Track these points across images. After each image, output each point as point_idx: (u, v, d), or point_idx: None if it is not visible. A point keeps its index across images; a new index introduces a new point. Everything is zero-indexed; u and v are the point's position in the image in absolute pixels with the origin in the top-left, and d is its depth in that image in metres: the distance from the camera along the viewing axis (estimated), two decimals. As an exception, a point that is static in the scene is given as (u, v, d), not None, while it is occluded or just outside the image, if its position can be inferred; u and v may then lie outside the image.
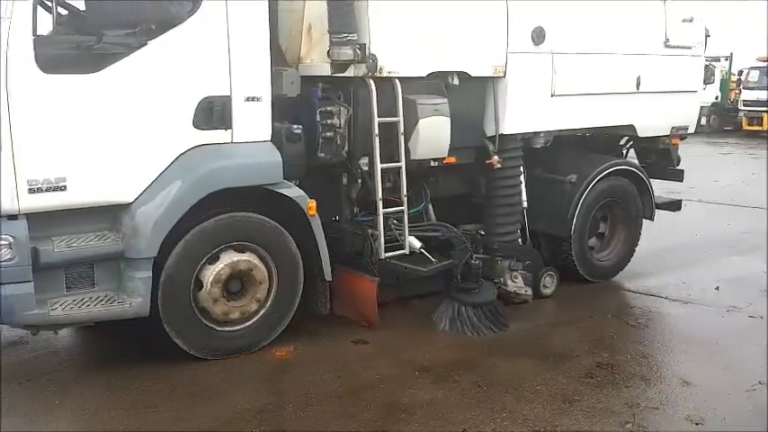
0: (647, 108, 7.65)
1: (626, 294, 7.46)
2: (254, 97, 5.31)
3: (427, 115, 5.94)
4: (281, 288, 5.62)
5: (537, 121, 6.88)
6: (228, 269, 5.30)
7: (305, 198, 5.51)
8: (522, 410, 4.74)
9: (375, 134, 5.78)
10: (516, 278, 6.88)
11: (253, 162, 5.32)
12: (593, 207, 7.40)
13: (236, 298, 5.46)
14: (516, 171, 6.89)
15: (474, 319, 6.15)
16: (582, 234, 7.35)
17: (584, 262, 7.45)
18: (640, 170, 7.80)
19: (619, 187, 7.61)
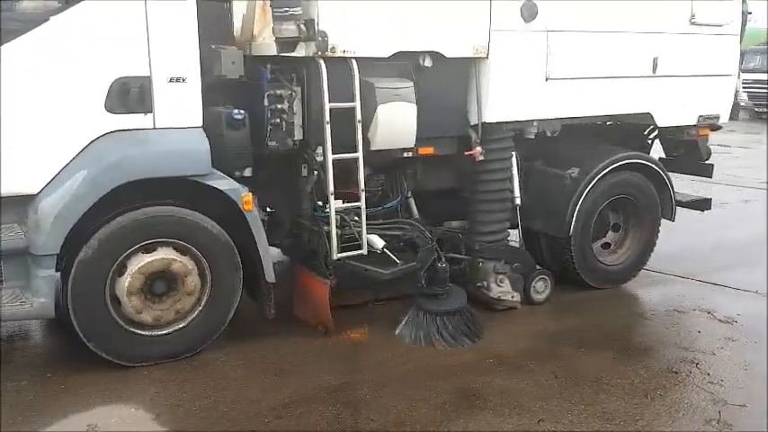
0: (666, 94, 6.75)
1: (707, 287, 6.95)
2: (179, 78, 4.80)
3: (387, 101, 5.29)
4: (217, 289, 5.13)
5: (528, 109, 6.11)
6: (148, 269, 4.85)
7: (238, 191, 4.98)
8: (600, 403, 4.62)
9: (326, 121, 5.18)
10: (502, 282, 6.18)
11: (173, 150, 4.82)
12: (598, 205, 6.59)
13: (161, 300, 5.00)
14: (504, 164, 6.16)
15: (441, 329, 5.50)
16: (584, 235, 6.55)
17: (587, 266, 6.65)
18: (657, 164, 6.91)
19: (631, 183, 6.76)
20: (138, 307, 4.88)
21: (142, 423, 4.27)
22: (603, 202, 6.64)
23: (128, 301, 4.82)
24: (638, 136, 7.43)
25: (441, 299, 5.60)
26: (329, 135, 5.20)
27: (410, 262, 5.62)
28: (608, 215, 6.94)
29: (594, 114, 6.55)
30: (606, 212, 6.88)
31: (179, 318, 5.06)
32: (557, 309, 6.34)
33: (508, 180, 6.24)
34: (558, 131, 6.62)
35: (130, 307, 4.85)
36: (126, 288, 4.79)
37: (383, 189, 6.07)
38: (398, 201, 6.09)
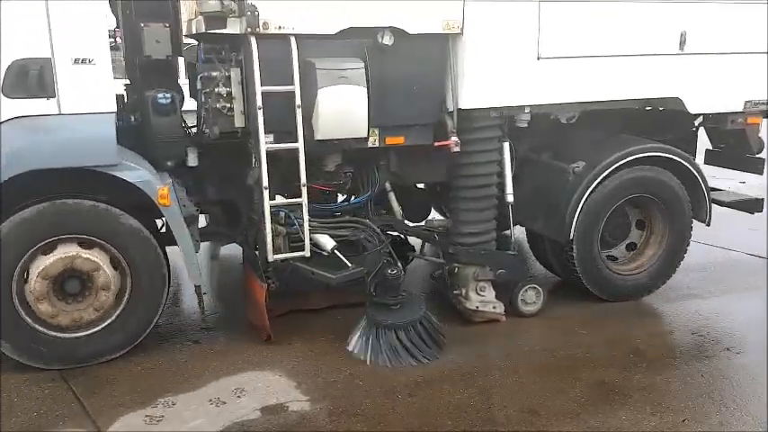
0: (699, 75, 5.71)
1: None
2: (85, 59, 4.36)
3: (330, 84, 4.64)
4: (138, 284, 4.74)
5: (515, 93, 5.27)
6: (49, 271, 4.49)
7: (151, 184, 4.53)
8: (750, 406, 4.33)
9: (258, 107, 4.62)
10: (483, 290, 5.42)
11: (76, 138, 4.38)
12: (608, 205, 5.67)
13: (77, 300, 4.65)
14: (489, 156, 5.36)
15: (394, 344, 4.83)
16: (588, 239, 5.66)
17: (593, 274, 5.76)
18: (685, 158, 5.86)
19: (652, 180, 5.77)
20: (51, 312, 4.56)
21: (286, 390, 4.43)
22: (615, 203, 5.70)
23: (38, 308, 4.52)
24: (678, 125, 6.36)
25: (394, 309, 4.92)
26: (261, 122, 4.64)
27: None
28: (627, 217, 6.00)
29: (604, 99, 5.60)
30: (624, 214, 5.95)
31: (101, 316, 4.70)
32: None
33: (495, 174, 5.45)
34: (574, 119, 5.77)
35: (42, 313, 4.54)
36: (32, 295, 4.48)
37: (352, 183, 5.44)
38: (367, 196, 5.44)
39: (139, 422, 4.04)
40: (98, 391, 4.38)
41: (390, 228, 5.53)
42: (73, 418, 4.10)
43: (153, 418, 4.09)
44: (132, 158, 4.64)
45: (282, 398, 4.32)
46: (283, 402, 4.27)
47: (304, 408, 4.23)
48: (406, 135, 5.20)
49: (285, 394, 4.37)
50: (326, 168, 5.28)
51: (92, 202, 4.50)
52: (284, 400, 4.30)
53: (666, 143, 6.19)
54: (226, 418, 4.08)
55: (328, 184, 5.34)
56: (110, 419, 4.05)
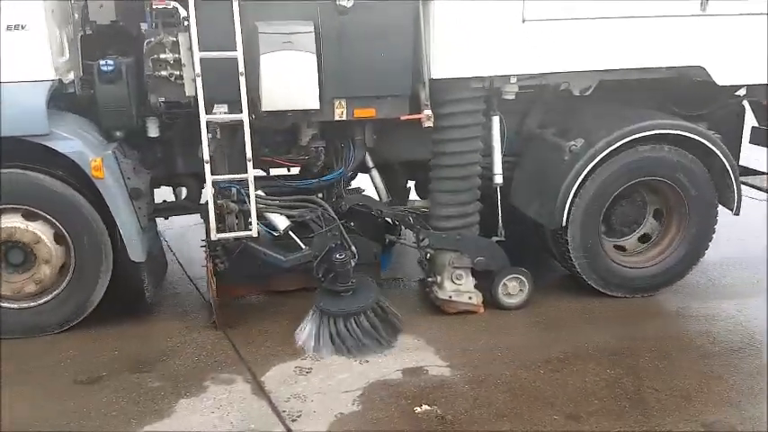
0: (726, 41, 4.91)
1: None
2: (17, 25, 4.22)
3: (273, 49, 4.28)
4: (81, 258, 4.62)
5: (496, 61, 4.70)
6: None
7: (83, 155, 4.35)
8: None
9: (197, 74, 4.33)
10: (460, 278, 4.94)
11: (5, 107, 4.24)
12: (610, 189, 5.01)
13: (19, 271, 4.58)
14: (468, 131, 4.84)
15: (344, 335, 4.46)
16: (587, 226, 5.02)
17: (592, 266, 5.13)
18: (706, 137, 5.07)
19: (665, 161, 5.04)
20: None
21: (424, 355, 4.44)
22: (619, 187, 5.03)
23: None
24: (715, 98, 5.55)
25: (343, 297, 4.54)
26: (200, 91, 4.35)
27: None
28: (642, 203, 5.32)
29: (606, 68, 4.92)
30: (639, 200, 5.28)
31: (42, 289, 4.62)
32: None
33: (476, 152, 4.92)
34: (590, 90, 5.15)
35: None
36: None
37: (326, 159, 5.07)
38: (338, 173, 5.06)
39: (290, 372, 4.23)
40: (253, 341, 4.60)
41: (365, 207, 5.14)
42: (230, 364, 4.34)
43: (302, 369, 4.26)
44: (77, 128, 4.48)
45: (422, 362, 4.36)
46: (423, 366, 4.31)
47: (443, 373, 4.24)
48: (378, 107, 4.76)
49: (424, 359, 4.40)
50: (299, 143, 4.97)
51: (21, 171, 4.39)
52: (424, 364, 4.34)
53: (705, 119, 5.46)
54: (369, 376, 4.19)
55: (296, 160, 5.01)
56: (263, 368, 4.28)
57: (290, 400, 3.94)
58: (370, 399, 3.96)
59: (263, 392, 4.02)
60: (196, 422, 3.74)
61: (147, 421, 3.75)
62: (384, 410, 3.85)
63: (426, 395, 3.99)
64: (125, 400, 3.95)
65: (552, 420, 3.76)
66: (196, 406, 3.89)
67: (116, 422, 3.73)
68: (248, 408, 3.87)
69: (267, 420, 3.76)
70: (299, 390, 4.05)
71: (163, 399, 3.96)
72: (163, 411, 3.84)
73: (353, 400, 3.94)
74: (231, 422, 3.73)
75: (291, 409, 3.85)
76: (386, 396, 3.98)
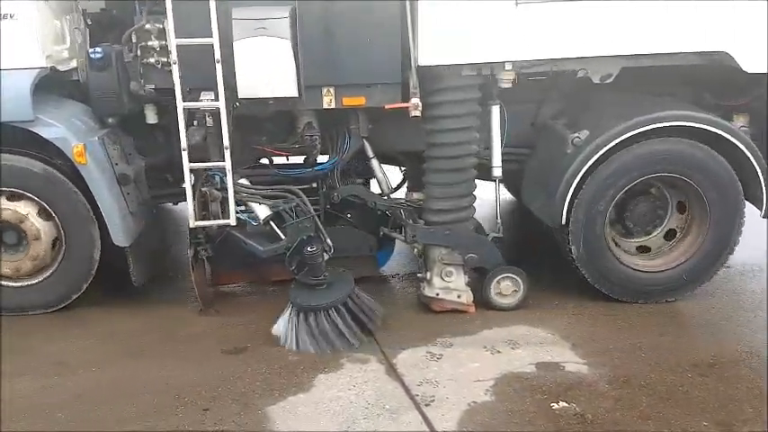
0: (754, 24, 4.41)
1: None
2: (6, 15, 4.36)
3: (246, 36, 4.21)
4: (71, 243, 4.75)
5: (488, 47, 4.43)
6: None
7: (66, 141, 4.45)
8: None
9: (173, 61, 4.33)
10: (449, 275, 4.72)
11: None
12: (616, 185, 4.62)
13: (16, 251, 4.77)
14: (458, 122, 4.59)
15: (318, 327, 4.36)
16: (590, 224, 4.67)
17: (595, 267, 4.76)
18: (727, 129, 4.58)
19: (681, 156, 4.61)
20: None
21: (560, 350, 4.30)
22: (627, 183, 4.64)
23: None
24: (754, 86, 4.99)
25: (317, 290, 4.43)
26: (177, 78, 4.34)
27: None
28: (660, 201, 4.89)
29: (612, 54, 4.54)
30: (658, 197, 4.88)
31: (39, 267, 4.78)
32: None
33: (470, 143, 4.67)
34: (611, 78, 4.79)
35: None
36: None
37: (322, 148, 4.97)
38: (331, 163, 4.94)
39: (421, 357, 4.23)
40: (384, 323, 4.60)
41: (358, 199, 5.00)
42: (363, 345, 4.37)
43: (433, 355, 4.25)
44: (67, 115, 4.60)
45: (558, 357, 4.22)
46: (559, 362, 4.16)
47: (581, 370, 4.08)
48: (368, 96, 4.61)
49: (560, 354, 4.25)
50: (296, 131, 4.90)
51: (16, 156, 4.56)
52: (560, 359, 4.19)
53: (746, 111, 4.96)
54: (501, 367, 4.12)
55: (288, 149, 4.94)
56: (395, 351, 4.30)
57: (422, 385, 3.94)
58: (504, 390, 3.88)
59: (396, 374, 4.05)
60: (333, 397, 3.84)
61: (290, 392, 3.88)
62: (518, 403, 3.75)
63: (563, 392, 3.84)
64: (268, 371, 4.09)
65: (702, 427, 3.54)
66: (333, 382, 3.99)
67: (260, 391, 3.90)
68: (382, 388, 3.93)
69: (400, 402, 3.80)
70: (431, 375, 4.04)
71: (302, 372, 4.08)
72: (303, 384, 3.96)
73: (486, 390, 3.88)
74: (366, 400, 3.81)
75: (424, 393, 3.86)
76: (520, 389, 3.89)
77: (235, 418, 3.66)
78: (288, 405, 3.78)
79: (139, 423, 3.62)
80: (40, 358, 4.30)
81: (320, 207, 4.98)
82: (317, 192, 4.98)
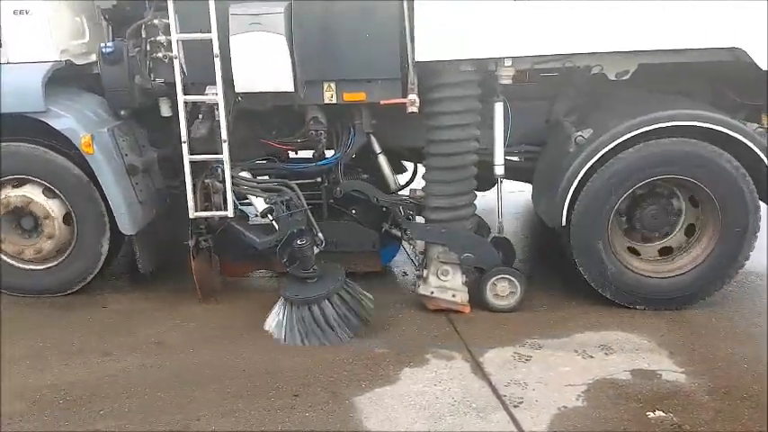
0: None
1: None
2: (22, 10, 4.58)
3: (242, 31, 4.28)
4: (83, 229, 4.95)
5: (487, 43, 4.35)
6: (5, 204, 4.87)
7: (75, 131, 4.63)
8: None
9: (174, 55, 4.45)
10: (446, 274, 4.68)
11: (6, 86, 4.58)
12: (619, 186, 4.46)
13: (32, 235, 5.02)
14: (456, 119, 4.54)
15: (309, 320, 4.40)
16: (591, 227, 4.53)
17: (597, 272, 4.61)
18: (740, 130, 4.34)
19: (688, 157, 4.41)
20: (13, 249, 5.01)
21: (657, 357, 4.16)
22: (632, 184, 4.48)
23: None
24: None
25: (308, 284, 4.46)
26: (178, 72, 4.46)
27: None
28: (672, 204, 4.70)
29: (617, 49, 4.38)
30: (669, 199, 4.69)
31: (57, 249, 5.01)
32: None
33: (469, 140, 4.60)
34: (628, 74, 4.65)
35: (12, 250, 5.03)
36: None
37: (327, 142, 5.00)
38: (334, 158, 4.97)
39: (509, 357, 4.18)
40: (469, 321, 4.60)
41: (361, 194, 5.01)
42: (449, 341, 4.39)
43: (521, 356, 4.19)
44: (79, 107, 4.79)
45: (654, 365, 4.07)
46: (655, 370, 4.02)
47: (679, 379, 3.93)
48: (368, 91, 4.62)
49: (657, 362, 4.11)
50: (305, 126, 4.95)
51: (36, 147, 4.78)
52: (656, 367, 4.05)
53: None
54: (594, 372, 4.01)
55: (293, 143, 4.99)
56: (481, 349, 4.27)
57: (510, 386, 3.88)
58: (596, 396, 3.77)
59: (483, 373, 4.01)
60: (419, 391, 3.84)
61: (376, 384, 3.92)
62: (612, 410, 3.65)
63: (660, 401, 3.71)
64: (355, 362, 4.14)
65: (811, 443, 3.39)
66: (419, 376, 3.99)
67: (347, 381, 3.95)
68: (468, 386, 3.89)
69: (487, 402, 3.75)
70: (519, 376, 3.97)
71: (388, 365, 4.10)
72: (389, 377, 3.99)
73: (577, 396, 3.78)
74: (452, 397, 3.78)
75: (512, 394, 3.80)
76: (613, 396, 3.78)
77: (323, 406, 3.72)
78: (374, 396, 3.81)
79: (233, 403, 3.75)
80: (140, 339, 4.50)
81: (323, 201, 5.03)
82: (320, 186, 5.02)
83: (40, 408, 3.76)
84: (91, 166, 4.74)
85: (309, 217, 4.61)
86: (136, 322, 4.73)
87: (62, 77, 4.82)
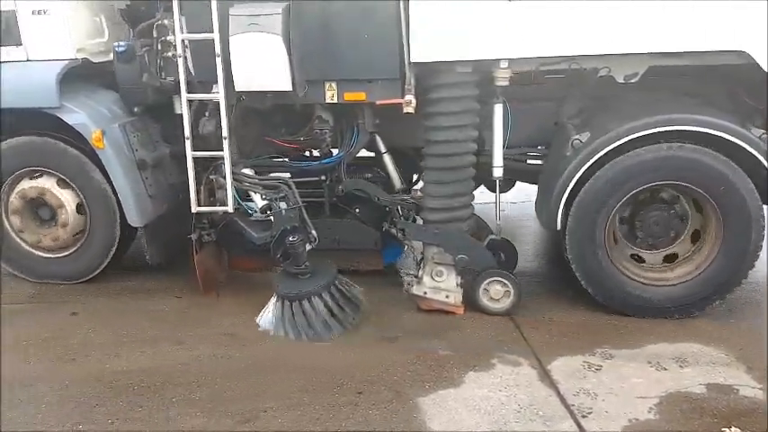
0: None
1: None
2: (40, 10, 4.81)
3: (240, 31, 4.37)
4: (96, 220, 5.17)
5: (482, 44, 4.32)
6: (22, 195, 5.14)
7: (87, 126, 4.84)
8: None
9: (178, 54, 4.59)
10: (440, 275, 4.69)
11: (24, 82, 4.84)
12: (616, 192, 4.39)
13: (49, 225, 5.27)
14: (452, 120, 4.53)
15: (300, 316, 4.49)
16: (587, 231, 4.46)
17: (593, 277, 4.55)
18: (740, 135, 4.21)
19: (688, 162, 4.30)
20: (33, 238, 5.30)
21: (735, 372, 4.02)
22: (629, 190, 4.39)
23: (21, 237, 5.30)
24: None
25: (300, 279, 4.54)
26: (182, 71, 4.59)
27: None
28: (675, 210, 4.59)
29: (612, 52, 4.30)
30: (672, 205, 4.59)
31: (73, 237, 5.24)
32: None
33: (466, 142, 4.59)
34: (636, 77, 4.58)
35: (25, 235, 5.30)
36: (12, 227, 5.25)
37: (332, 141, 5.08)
38: (337, 157, 5.04)
39: (578, 366, 4.09)
40: (538, 327, 4.54)
41: (363, 193, 5.06)
42: (515, 346, 4.33)
43: (591, 365, 4.09)
44: (94, 103, 5.00)
45: (731, 379, 3.94)
46: (732, 384, 3.89)
47: (758, 395, 3.80)
48: (368, 91, 4.65)
49: (734, 376, 3.97)
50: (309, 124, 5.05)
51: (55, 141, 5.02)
52: (733, 382, 3.91)
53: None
54: (667, 385, 3.90)
55: (297, 141, 5.08)
56: (549, 356, 4.19)
57: (578, 395, 3.80)
58: (669, 409, 3.67)
59: (550, 381, 3.94)
60: (484, 396, 3.81)
61: (440, 386, 3.90)
62: (685, 425, 3.55)
63: (736, 417, 3.60)
64: (419, 363, 4.14)
65: None
66: (483, 381, 3.95)
67: (411, 381, 3.96)
68: (535, 393, 3.83)
69: (555, 410, 3.68)
70: (589, 386, 3.88)
71: (452, 368, 4.08)
72: (453, 380, 3.96)
73: (649, 408, 3.68)
74: (518, 404, 3.74)
75: (581, 404, 3.72)
76: (687, 410, 3.67)
77: (387, 405, 3.73)
78: (438, 398, 3.79)
79: (299, 397, 3.83)
80: (212, 329, 4.64)
81: (325, 199, 5.10)
82: (322, 185, 5.09)
83: (116, 392, 3.92)
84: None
85: (303, 214, 4.68)
86: (209, 313, 4.87)
87: (83, 75, 5.05)
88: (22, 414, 3.74)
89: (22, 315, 4.90)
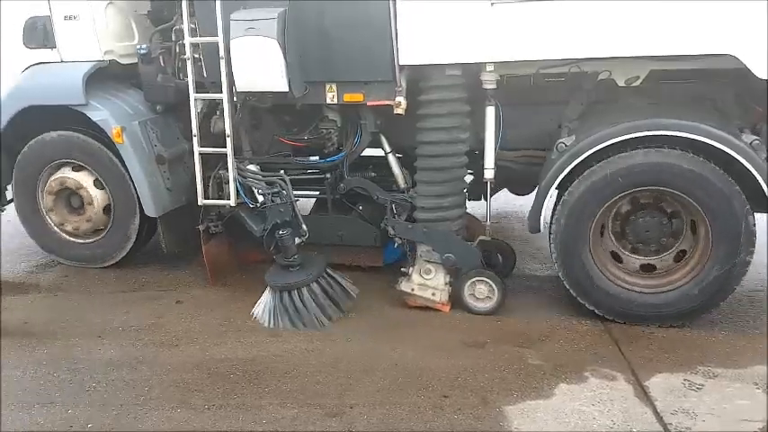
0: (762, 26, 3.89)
1: None
2: (71, 16, 5.23)
3: (239, 35, 4.60)
4: (119, 209, 5.54)
5: (466, 48, 4.39)
6: (56, 185, 5.56)
7: (108, 122, 5.21)
8: None
9: (186, 57, 4.89)
10: (428, 273, 4.79)
11: (54, 81, 5.27)
12: (598, 197, 4.35)
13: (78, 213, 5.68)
14: (442, 121, 4.62)
15: (291, 306, 4.70)
16: (571, 237, 4.44)
17: (577, 281, 4.52)
18: (726, 141, 4.07)
19: (671, 168, 4.20)
20: (58, 221, 5.72)
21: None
22: (612, 195, 4.34)
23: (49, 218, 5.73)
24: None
25: (291, 271, 4.74)
26: (191, 73, 4.88)
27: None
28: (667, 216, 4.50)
29: (595, 55, 4.26)
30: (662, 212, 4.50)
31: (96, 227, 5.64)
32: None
33: (455, 143, 4.66)
34: (638, 81, 4.56)
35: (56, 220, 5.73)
36: (44, 207, 5.71)
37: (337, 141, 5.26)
38: (340, 156, 5.20)
39: (678, 383, 3.92)
40: (635, 341, 4.37)
41: (364, 191, 5.20)
42: (611, 360, 4.18)
43: (692, 383, 3.92)
44: (118, 101, 5.38)
45: None
46: None
47: None
48: (366, 92, 4.81)
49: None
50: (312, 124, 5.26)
51: (83, 137, 5.41)
52: None
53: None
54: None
55: (302, 140, 5.28)
56: (647, 372, 4.03)
57: (677, 414, 3.64)
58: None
59: (647, 398, 3.79)
60: (575, 409, 3.70)
61: (529, 396, 3.82)
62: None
63: None
64: (507, 370, 4.08)
65: None
66: (575, 394, 3.83)
67: (498, 389, 3.90)
68: (630, 410, 3.69)
69: (651, 429, 3.55)
70: (688, 405, 3.71)
71: (542, 378, 3.99)
72: (542, 390, 3.87)
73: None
74: (612, 420, 3.61)
75: (679, 424, 3.56)
76: None
77: (473, 410, 3.70)
78: (526, 408, 3.71)
79: (385, 396, 3.87)
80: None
81: (328, 196, 5.29)
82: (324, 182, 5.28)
83: (214, 379, 4.10)
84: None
85: (295, 209, 4.88)
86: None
87: (113, 75, 5.45)
88: (127, 396, 3.95)
89: (130, 303, 5.17)
